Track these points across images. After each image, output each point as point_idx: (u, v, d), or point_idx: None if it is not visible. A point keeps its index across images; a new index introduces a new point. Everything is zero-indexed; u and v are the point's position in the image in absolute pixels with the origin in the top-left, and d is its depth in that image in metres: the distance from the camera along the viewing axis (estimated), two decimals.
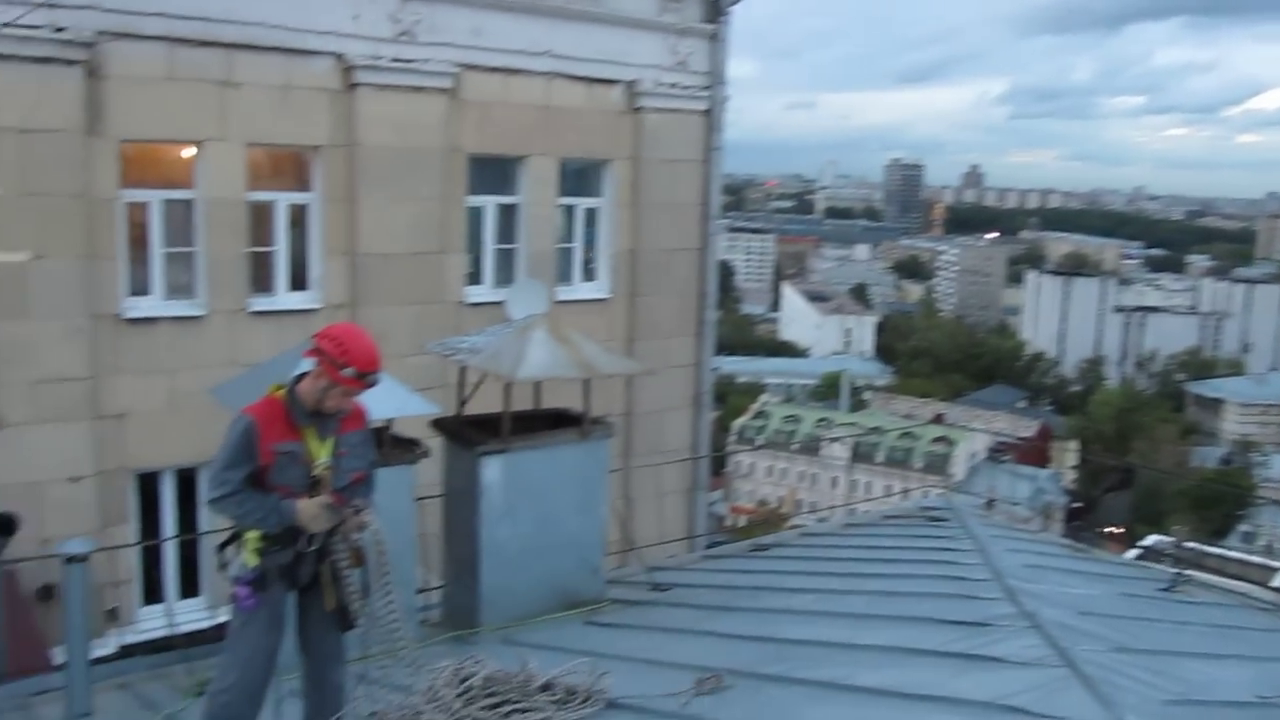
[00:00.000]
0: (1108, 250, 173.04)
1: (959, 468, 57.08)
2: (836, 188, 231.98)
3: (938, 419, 69.40)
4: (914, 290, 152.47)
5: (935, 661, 5.20)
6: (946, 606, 6.25)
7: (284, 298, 12.23)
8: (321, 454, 4.19)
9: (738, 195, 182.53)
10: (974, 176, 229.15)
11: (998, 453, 53.10)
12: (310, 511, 4.09)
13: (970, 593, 6.58)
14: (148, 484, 11.65)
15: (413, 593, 6.64)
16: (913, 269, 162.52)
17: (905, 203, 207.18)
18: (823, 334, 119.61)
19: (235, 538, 4.23)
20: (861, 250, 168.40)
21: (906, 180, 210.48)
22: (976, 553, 8.00)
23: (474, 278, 13.74)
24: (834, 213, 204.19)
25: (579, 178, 14.76)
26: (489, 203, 13.81)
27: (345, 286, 12.33)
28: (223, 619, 9.56)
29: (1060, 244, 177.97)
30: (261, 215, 12.09)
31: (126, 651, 9.43)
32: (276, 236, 12.20)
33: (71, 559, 5.92)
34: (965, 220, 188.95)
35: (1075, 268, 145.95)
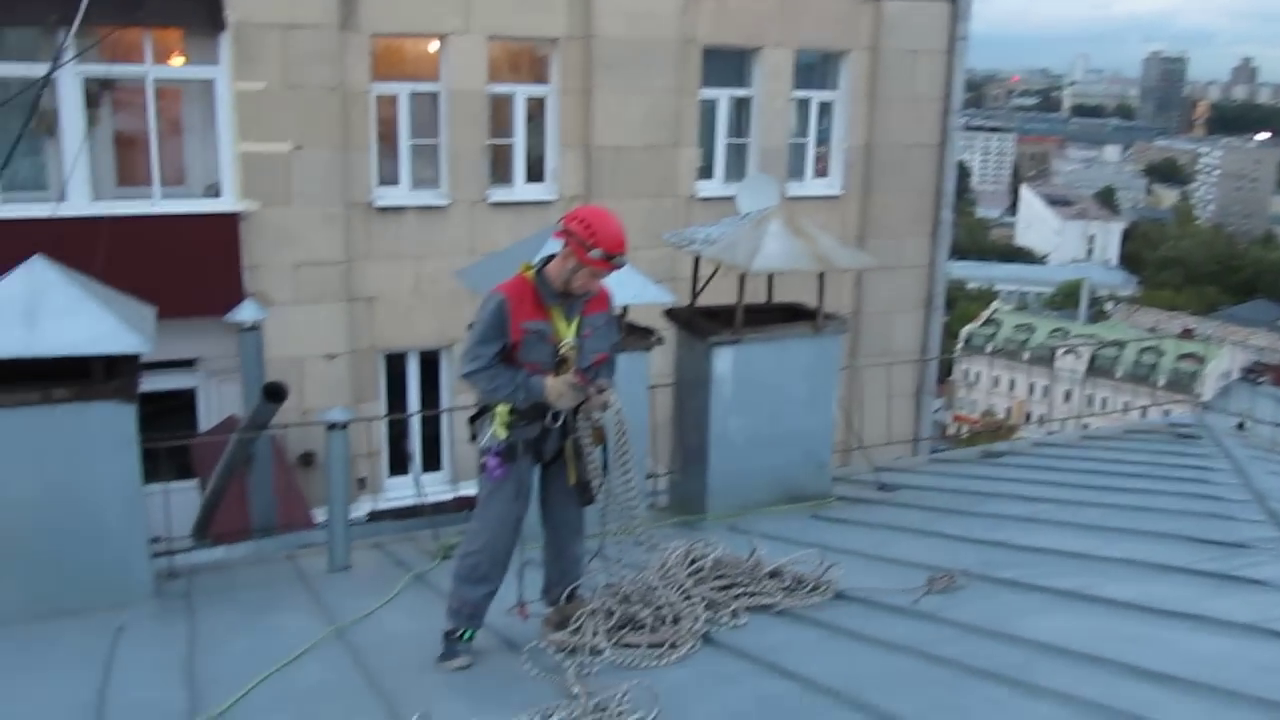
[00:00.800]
0: None
1: (1208, 387, 53.26)
2: (1086, 83, 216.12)
3: (1186, 334, 64.76)
4: (1168, 195, 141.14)
5: (1186, 579, 4.90)
6: (1199, 525, 5.86)
7: (521, 189, 12.60)
8: (567, 334, 4.29)
9: (977, 92, 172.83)
10: (1245, 71, 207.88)
11: (1253, 373, 49.14)
12: (557, 388, 4.22)
13: (1226, 513, 6.14)
14: (394, 364, 12.40)
15: (643, 478, 6.81)
16: (1168, 172, 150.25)
17: (1163, 100, 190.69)
18: (1063, 240, 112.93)
19: (485, 411, 4.41)
20: (1111, 151, 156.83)
21: (1167, 75, 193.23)
22: (1234, 473, 7.45)
23: (705, 172, 13.70)
24: (1082, 111, 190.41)
25: (814, 70, 14.34)
26: (722, 95, 13.65)
27: (579, 179, 12.56)
28: (463, 492, 10.13)
29: None
30: (501, 108, 12.40)
31: (374, 517, 10.16)
32: (515, 129, 12.51)
33: (333, 426, 6.37)
34: (1232, 120, 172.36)
35: None
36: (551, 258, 4.31)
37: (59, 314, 5.30)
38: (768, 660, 4.23)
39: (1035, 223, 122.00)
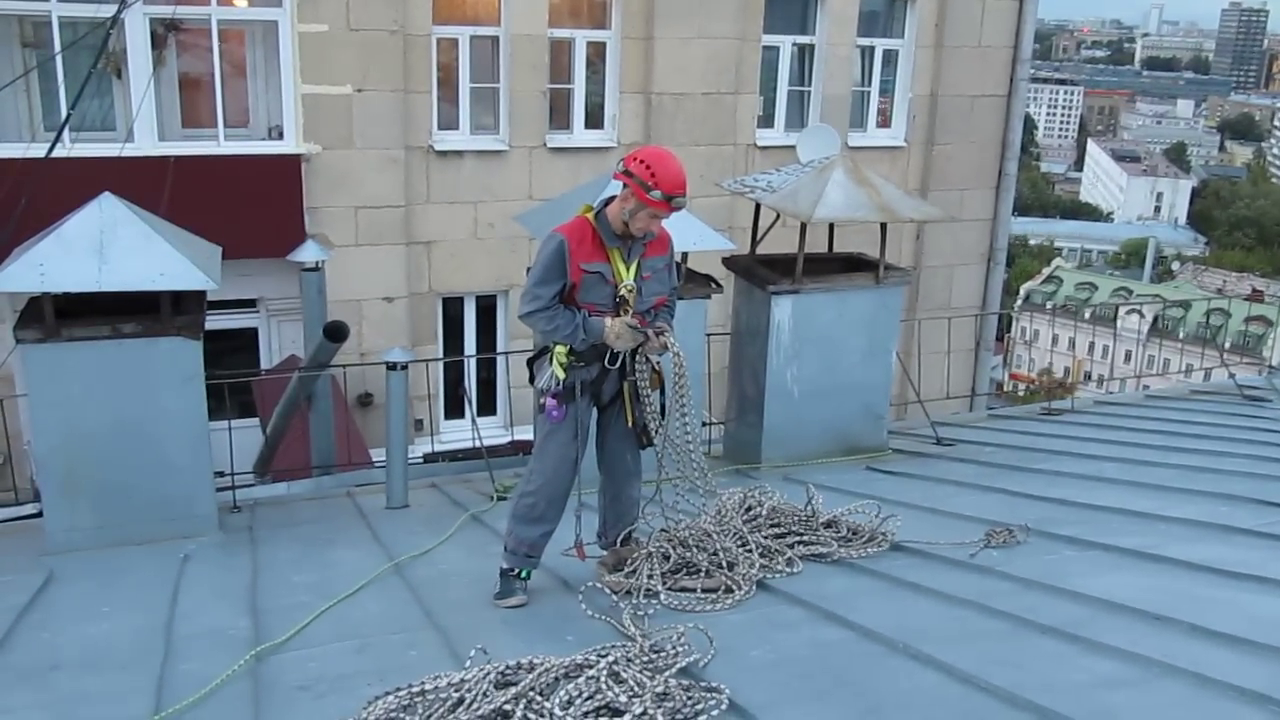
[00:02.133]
0: None
1: (1276, 350, 51.99)
2: (1160, 36, 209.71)
3: (1255, 295, 63.12)
4: (1241, 153, 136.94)
5: (1256, 542, 4.82)
6: (1269, 488, 5.74)
7: (580, 135, 12.54)
8: (627, 276, 4.27)
9: (1045, 43, 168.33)
10: None
11: None
12: (616, 329, 4.21)
13: None
14: (451, 308, 12.48)
15: (700, 424, 6.81)
16: (1243, 129, 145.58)
17: (1241, 53, 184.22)
18: (1129, 197, 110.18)
19: (544, 353, 4.42)
20: (1183, 106, 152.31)
21: (1246, 27, 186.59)
22: None
23: (766, 120, 13.53)
24: (1154, 64, 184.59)
25: (879, 18, 14.05)
26: (785, 42, 13.45)
27: (639, 125, 12.47)
28: (518, 437, 10.19)
29: None
30: (561, 53, 12.32)
31: (431, 459, 10.27)
32: (575, 74, 12.42)
33: (393, 366, 6.43)
34: None
35: None
36: (612, 199, 4.29)
37: (128, 251, 5.38)
38: (823, 608, 4.22)
39: (1102, 179, 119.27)
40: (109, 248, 5.36)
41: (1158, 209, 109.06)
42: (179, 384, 5.61)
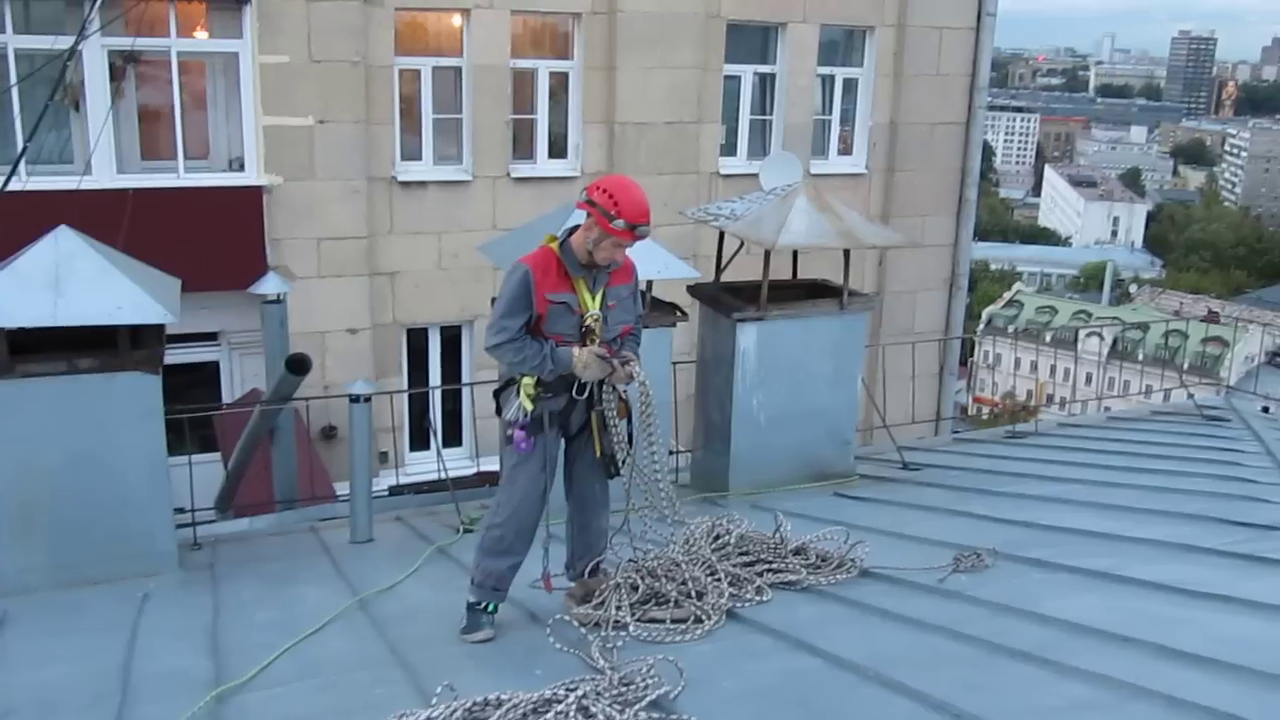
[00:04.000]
0: None
1: (1233, 370, 52.78)
2: (1113, 64, 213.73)
3: (1211, 317, 64.10)
4: (1194, 177, 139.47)
5: (1218, 561, 4.85)
6: (1230, 507, 5.80)
7: (544, 165, 12.57)
8: (592, 305, 4.25)
9: (1001, 71, 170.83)
10: (1276, 50, 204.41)
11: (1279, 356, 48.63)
12: (584, 359, 4.19)
13: (1258, 495, 6.08)
14: (416, 339, 12.41)
15: (667, 453, 6.78)
16: (1195, 154, 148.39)
17: (1191, 80, 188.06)
18: (1086, 221, 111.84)
19: (510, 384, 4.39)
20: (1137, 132, 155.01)
21: (1195, 55, 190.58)
22: (1264, 455, 7.38)
23: (728, 149, 13.62)
24: (1108, 91, 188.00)
25: (839, 47, 14.22)
26: (746, 72, 13.57)
27: (602, 155, 12.51)
28: (484, 467, 10.11)
29: None
30: (524, 83, 12.35)
31: (396, 492, 10.18)
32: (538, 104, 12.46)
33: (355, 398, 6.36)
34: (1262, 100, 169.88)
35: None
36: (576, 229, 4.28)
37: (85, 284, 5.29)
38: (793, 636, 4.20)
39: (1059, 204, 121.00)
40: (65, 281, 5.27)
41: (1114, 233, 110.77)
42: (137, 419, 5.51)
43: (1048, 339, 66.28)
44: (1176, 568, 4.73)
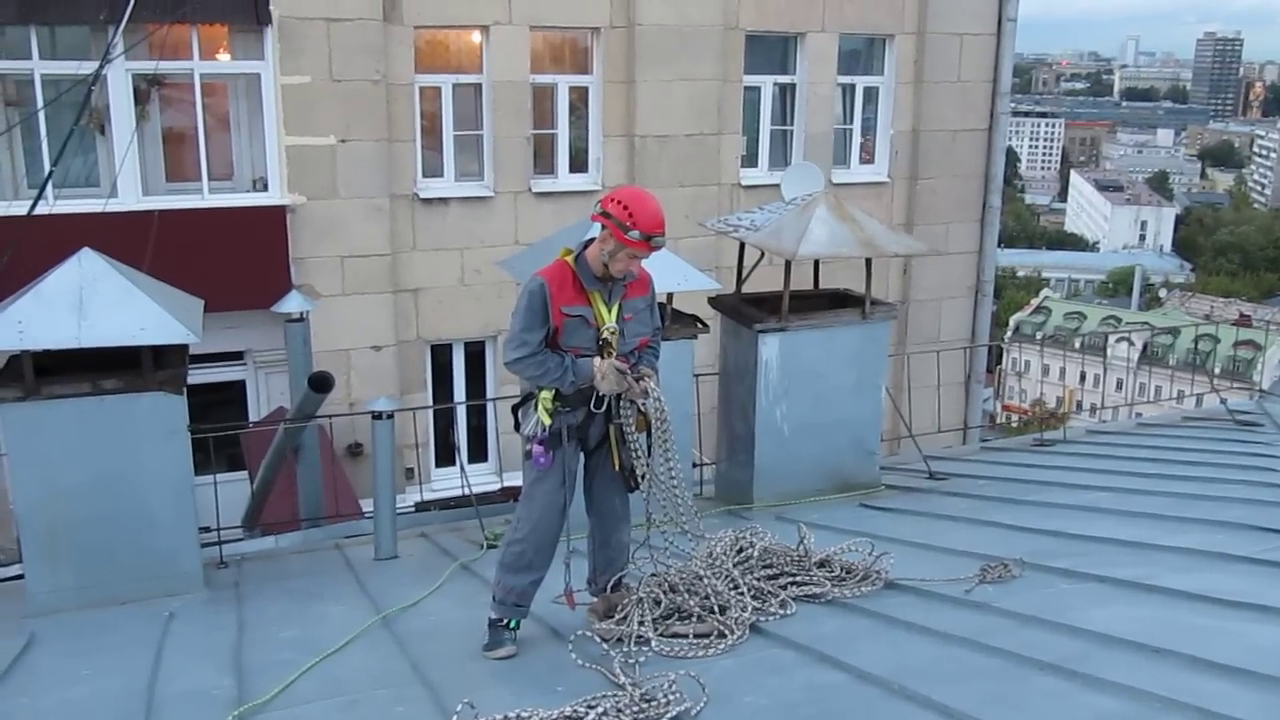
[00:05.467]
0: None
1: (1266, 374, 52.15)
2: (1138, 67, 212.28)
3: (1243, 320, 63.37)
4: (1223, 179, 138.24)
5: (1253, 569, 4.76)
6: (1264, 513, 5.70)
7: (565, 179, 12.59)
8: (609, 318, 4.24)
9: (1025, 77, 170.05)
10: None
11: None
12: (603, 370, 4.17)
13: None
14: (440, 355, 12.45)
15: (689, 465, 6.75)
16: (1222, 156, 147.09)
17: (1218, 82, 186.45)
18: (1114, 226, 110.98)
19: (529, 399, 4.37)
20: (1163, 136, 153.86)
21: (1221, 56, 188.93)
22: None
23: (749, 160, 13.60)
24: (1133, 94, 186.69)
25: (859, 56, 14.18)
26: (766, 82, 13.55)
27: (623, 168, 12.52)
28: (509, 483, 10.11)
29: None
30: (544, 98, 12.39)
31: (421, 508, 10.20)
32: (558, 119, 12.49)
33: (378, 415, 6.38)
34: None
35: None
36: (591, 242, 4.27)
37: (108, 306, 5.34)
38: (817, 650, 4.15)
39: (1086, 209, 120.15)
40: (88, 303, 5.32)
41: (1143, 237, 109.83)
42: (162, 439, 5.54)
43: (1077, 345, 65.81)
44: (1209, 576, 4.65)
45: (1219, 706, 3.27)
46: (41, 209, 9.38)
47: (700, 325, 6.85)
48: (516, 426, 4.45)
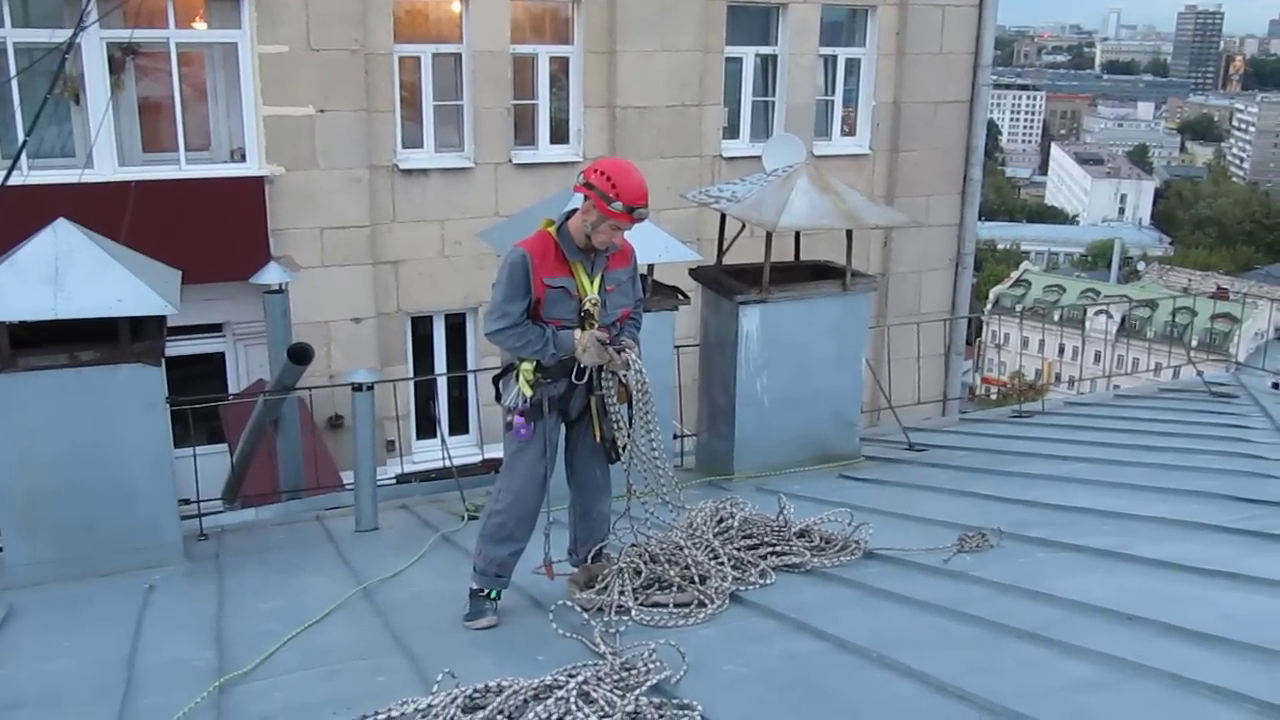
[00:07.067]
0: None
1: (1242, 347, 52.57)
2: (1119, 40, 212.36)
3: (1220, 293, 63.82)
4: (1202, 153, 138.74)
5: (1226, 538, 4.82)
6: (1239, 484, 5.76)
7: (546, 150, 12.52)
8: (591, 289, 4.23)
9: (1006, 49, 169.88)
10: None
11: None
12: (584, 342, 4.17)
13: (1267, 471, 6.05)
14: (420, 327, 12.40)
15: (670, 437, 6.76)
16: (1202, 129, 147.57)
17: (1198, 55, 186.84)
18: (1094, 199, 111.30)
19: (509, 370, 4.37)
20: (1143, 109, 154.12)
21: (1202, 29, 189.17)
22: (1273, 431, 7.34)
23: (731, 131, 13.56)
24: (1114, 68, 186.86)
25: (841, 27, 14.14)
26: (748, 54, 13.50)
27: (604, 139, 12.46)
28: (489, 455, 10.14)
29: None
30: (524, 69, 12.30)
31: (402, 479, 10.20)
32: (539, 90, 12.41)
33: (358, 387, 6.36)
34: (1269, 74, 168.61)
35: None
36: (573, 213, 4.25)
37: (85, 277, 5.29)
38: (796, 619, 4.19)
39: (1066, 182, 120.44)
40: (65, 275, 5.26)
41: (1122, 210, 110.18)
42: (140, 411, 5.51)
43: (1056, 318, 66.15)
44: (1183, 545, 4.71)
45: (1191, 672, 3.32)
46: (15, 179, 9.27)
47: (681, 297, 6.85)
48: (497, 398, 4.45)
